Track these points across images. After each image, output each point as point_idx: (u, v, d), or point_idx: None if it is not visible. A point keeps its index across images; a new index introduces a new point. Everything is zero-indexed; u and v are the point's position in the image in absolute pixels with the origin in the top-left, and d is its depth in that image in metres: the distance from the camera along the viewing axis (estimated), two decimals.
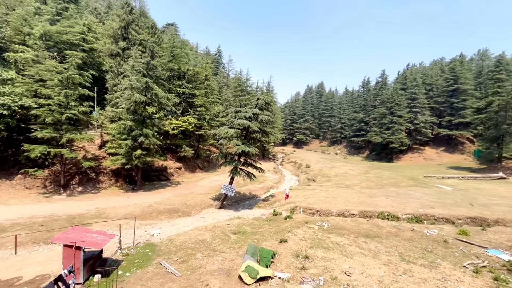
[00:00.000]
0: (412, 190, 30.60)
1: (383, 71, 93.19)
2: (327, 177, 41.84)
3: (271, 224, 20.33)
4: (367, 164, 61.05)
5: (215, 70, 78.96)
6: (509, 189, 31.33)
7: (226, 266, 12.71)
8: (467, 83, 64.00)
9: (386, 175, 41.88)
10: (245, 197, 32.03)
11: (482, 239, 16.25)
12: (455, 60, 76.38)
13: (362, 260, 13.26)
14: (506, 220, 19.44)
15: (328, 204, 24.57)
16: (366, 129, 77.45)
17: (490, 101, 47.54)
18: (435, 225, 19.51)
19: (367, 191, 30.59)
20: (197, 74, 44.74)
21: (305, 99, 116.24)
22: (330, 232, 17.52)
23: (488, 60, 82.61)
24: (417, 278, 11.46)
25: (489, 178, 39.41)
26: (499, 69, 50.80)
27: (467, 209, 21.99)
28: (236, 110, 27.55)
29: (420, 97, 65.28)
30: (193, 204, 26.48)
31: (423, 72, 79.84)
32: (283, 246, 14.77)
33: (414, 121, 64.30)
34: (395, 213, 21.60)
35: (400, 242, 15.87)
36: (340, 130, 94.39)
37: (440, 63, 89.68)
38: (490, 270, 12.22)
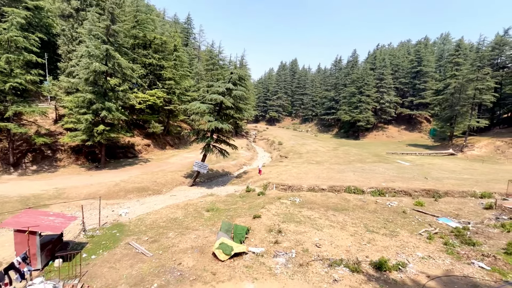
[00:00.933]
0: (376, 165, 32.72)
1: (354, 50, 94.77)
2: (298, 154, 42.93)
3: (245, 200, 20.48)
4: (336, 141, 63.72)
5: (185, 41, 73.77)
6: (457, 164, 34.96)
7: (199, 243, 12.59)
8: (429, 66, 67.91)
9: (353, 152, 44.15)
10: (218, 174, 31.78)
11: (435, 209, 18.06)
12: (420, 43, 79.93)
13: (331, 232, 13.99)
14: (454, 191, 21.73)
15: (299, 180, 25.32)
16: (336, 108, 79.77)
17: (448, 83, 51.14)
18: (395, 197, 21.18)
19: (336, 167, 32.03)
20: (165, 43, 41.31)
21: (279, 75, 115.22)
22: (301, 206, 18.15)
23: (449, 44, 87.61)
24: (380, 247, 12.42)
25: (441, 154, 43.53)
26: (458, 53, 54.24)
27: (422, 183, 24.13)
28: (209, 85, 26.25)
29: (387, 77, 68.04)
30: (164, 182, 25.60)
31: (391, 53, 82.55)
32: (257, 222, 14.99)
33: (381, 100, 67.45)
34: (360, 187, 22.97)
35: (365, 214, 17.00)
36: (312, 108, 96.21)
37: (407, 45, 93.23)
38: (441, 236, 13.66)
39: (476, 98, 44.44)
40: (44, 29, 36.55)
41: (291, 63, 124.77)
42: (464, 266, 10.82)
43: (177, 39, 45.38)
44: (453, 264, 10.98)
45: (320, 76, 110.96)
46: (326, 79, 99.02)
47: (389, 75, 68.73)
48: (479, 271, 10.46)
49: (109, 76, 28.58)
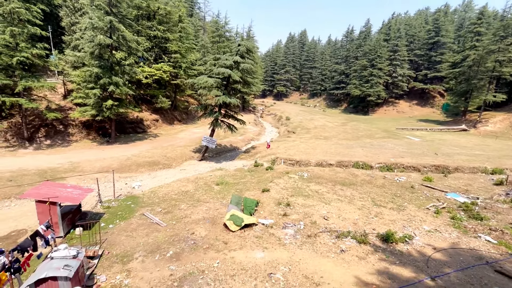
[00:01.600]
0: (385, 141, 32.33)
1: (367, 19, 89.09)
2: (306, 129, 42.61)
3: (253, 175, 20.82)
4: (345, 116, 62.66)
5: (190, 11, 70.64)
6: (469, 140, 34.22)
7: (211, 215, 13.07)
8: (448, 36, 63.85)
9: (362, 127, 43.52)
10: (226, 149, 32.08)
11: (444, 184, 18.03)
12: (439, 11, 74.33)
13: (339, 205, 14.25)
14: (464, 167, 21.51)
15: (307, 155, 25.38)
16: (346, 82, 77.24)
17: (466, 55, 48.32)
18: (404, 173, 21.15)
19: (344, 142, 31.82)
20: (169, 14, 39.67)
21: (287, 48, 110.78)
22: (309, 181, 18.37)
23: (471, 12, 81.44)
24: (386, 220, 12.65)
25: (452, 130, 42.51)
26: (481, 21, 50.47)
27: (432, 158, 23.88)
28: (215, 58, 25.52)
29: (401, 49, 64.63)
30: (174, 156, 26.08)
31: (407, 22, 77.51)
32: (266, 195, 15.34)
33: (393, 74, 64.81)
34: (369, 162, 22.93)
35: (373, 188, 17.13)
36: (321, 82, 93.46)
37: (425, 13, 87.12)
38: (449, 210, 13.77)
39: (495, 71, 42.15)
40: (46, 0, 35.41)
41: (300, 34, 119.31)
42: (471, 239, 11.00)
43: (182, 9, 43.44)
44: (460, 237, 11.17)
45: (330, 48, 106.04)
46: (337, 52, 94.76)
47: (403, 47, 65.22)
48: (485, 244, 10.64)
49: (114, 50, 28.02)
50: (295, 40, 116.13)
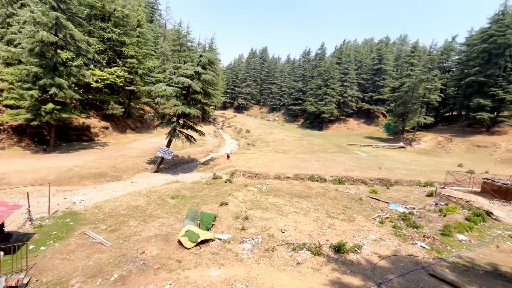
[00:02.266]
0: (337, 156, 34.72)
1: (322, 43, 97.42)
2: (266, 142, 43.54)
3: (211, 187, 20.29)
4: (302, 131, 65.90)
5: (150, 17, 68.33)
6: (406, 156, 38.76)
7: (164, 231, 12.22)
8: (389, 64, 72.92)
9: (317, 142, 46.18)
10: (184, 160, 30.86)
11: (387, 196, 19.91)
12: (382, 42, 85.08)
13: (295, 218, 14.63)
14: (403, 180, 24.15)
15: (266, 168, 25.79)
16: (303, 99, 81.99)
17: (403, 81, 55.61)
18: (353, 185, 22.82)
19: (301, 156, 33.24)
20: (127, 17, 37.75)
21: (249, 63, 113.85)
22: (268, 194, 18.59)
23: (406, 45, 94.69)
24: (339, 231, 13.36)
25: (393, 147, 47.78)
26: (413, 54, 59.05)
27: (377, 172, 26.32)
28: (176, 66, 24.85)
29: (351, 72, 71.53)
30: (124, 167, 24.08)
31: (356, 49, 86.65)
32: (224, 209, 15.00)
33: (344, 94, 70.97)
34: (323, 175, 24.25)
35: (327, 201, 18.07)
36: (280, 97, 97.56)
37: (370, 43, 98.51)
38: (391, 220, 15.17)
39: (425, 97, 49.20)
40: None
41: (261, 51, 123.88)
42: (409, 246, 12.22)
43: (141, 14, 41.78)
44: (400, 245, 12.32)
45: (289, 66, 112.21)
46: (295, 70, 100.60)
47: (353, 70, 72.31)
48: (421, 250, 11.91)
49: (59, 49, 25.34)
50: (256, 56, 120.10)
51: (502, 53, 42.53)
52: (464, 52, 53.88)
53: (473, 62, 47.40)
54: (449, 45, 57.59)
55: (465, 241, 13.08)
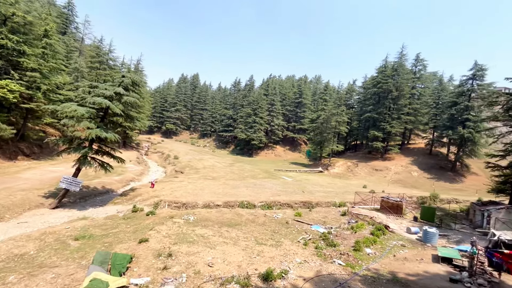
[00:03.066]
0: (266, 181, 36.15)
1: (251, 75, 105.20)
2: (195, 169, 41.98)
3: (130, 222, 17.82)
4: (232, 157, 66.66)
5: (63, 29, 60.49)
6: (324, 180, 43.46)
7: (60, 285, 9.75)
8: (307, 98, 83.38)
9: (247, 168, 47.28)
10: (96, 192, 26.48)
11: (309, 218, 21.44)
12: (301, 79, 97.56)
13: (224, 248, 14.03)
14: (322, 202, 26.66)
15: (195, 197, 24.55)
16: (234, 126, 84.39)
17: (319, 114, 63.99)
18: (280, 210, 23.83)
19: (231, 182, 33.16)
20: (30, 25, 32.26)
21: (179, 87, 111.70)
22: (195, 225, 17.47)
23: (320, 84, 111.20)
24: (267, 258, 13.40)
25: (313, 172, 53.07)
26: (326, 92, 69.44)
27: (300, 196, 28.39)
28: (92, 85, 22.14)
29: (277, 104, 78.43)
30: (8, 204, 18.91)
31: (280, 83, 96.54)
32: (143, 247, 13.20)
33: (271, 123, 76.55)
34: (252, 201, 24.58)
35: (256, 227, 18.15)
36: (211, 124, 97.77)
37: (292, 79, 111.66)
38: (313, 241, 16.23)
39: (336, 128, 57.58)
40: None
41: (192, 77, 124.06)
42: (329, 265, 13.16)
43: (51, 23, 36.46)
44: (322, 264, 13.16)
45: (220, 94, 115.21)
46: (226, 98, 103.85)
47: (278, 102, 79.49)
48: (338, 267, 12.97)
49: None
50: (187, 81, 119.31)
51: (386, 96, 54.41)
52: (362, 93, 66.71)
53: (368, 102, 58.91)
54: (351, 87, 70.52)
55: (371, 254, 15.00)
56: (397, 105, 53.95)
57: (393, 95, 53.44)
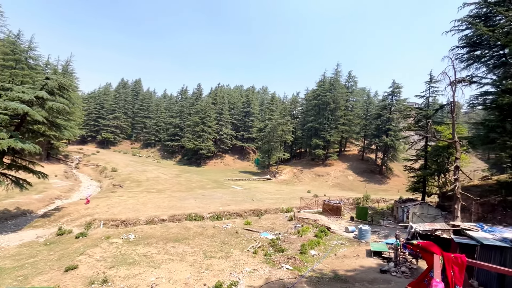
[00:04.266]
0: (215, 191, 35.44)
1: (199, 84, 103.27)
2: (137, 182, 38.67)
3: (53, 248, 15.24)
4: (179, 168, 63.65)
5: None
6: (272, 187, 44.85)
7: None
8: (255, 108, 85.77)
9: (195, 179, 45.68)
10: (8, 215, 21.97)
11: (258, 225, 21.71)
12: (249, 90, 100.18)
13: (170, 266, 13.11)
14: (271, 209, 27.37)
15: (136, 212, 22.49)
16: (181, 135, 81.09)
17: (266, 124, 66.46)
18: (230, 219, 23.56)
19: (177, 194, 31.51)
20: None
21: (118, 93, 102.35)
22: (137, 243, 15.94)
23: (267, 94, 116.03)
24: (216, 271, 13.00)
25: (262, 180, 54.32)
26: (272, 103, 72.75)
27: (250, 204, 28.63)
28: (4, 87, 18.64)
29: (225, 113, 78.53)
30: None
31: (229, 93, 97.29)
32: (71, 276, 11.40)
33: (220, 132, 76.07)
34: (201, 213, 23.74)
35: (204, 240, 17.52)
36: (155, 133, 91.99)
37: (240, 89, 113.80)
38: (263, 248, 16.44)
39: (282, 137, 60.45)
40: None
41: (134, 82, 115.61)
42: (278, 270, 13.46)
43: None
44: (271, 271, 13.38)
45: (166, 101, 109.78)
46: (172, 106, 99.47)
47: (227, 111, 79.70)
48: (286, 272, 13.37)
49: None
50: (128, 87, 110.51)
51: (325, 108, 59.76)
52: (305, 105, 71.88)
53: (310, 113, 63.73)
54: (295, 98, 75.44)
55: (316, 255, 15.93)
56: (334, 116, 59.69)
57: (331, 107, 59.05)
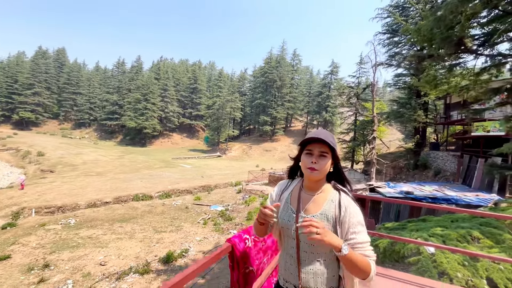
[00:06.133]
0: (163, 171, 34.76)
1: (139, 56, 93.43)
2: (72, 166, 35.14)
3: None
4: (122, 149, 59.29)
5: None
6: (222, 163, 45.88)
7: None
8: (203, 85, 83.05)
9: (141, 159, 43.60)
10: None
11: (208, 200, 22.67)
12: (195, 64, 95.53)
13: (119, 244, 13.20)
14: (220, 184, 28.51)
15: (75, 197, 21.01)
16: (121, 113, 74.31)
17: (215, 101, 65.59)
18: (180, 197, 23.91)
19: (122, 176, 30.04)
20: None
21: (37, 65, 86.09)
22: (79, 228, 15.30)
23: (214, 70, 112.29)
24: (167, 243, 13.63)
25: (212, 157, 54.79)
26: (220, 79, 71.50)
27: (200, 181, 29.22)
28: None
29: (170, 89, 74.24)
30: None
31: (173, 67, 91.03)
32: (3, 266, 10.65)
33: (165, 109, 72.22)
34: (149, 193, 23.44)
35: (154, 217, 17.73)
36: (90, 111, 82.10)
37: (185, 63, 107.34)
38: (212, 219, 17.55)
39: (231, 114, 60.91)
40: None
41: (56, 52, 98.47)
42: (226, 236, 14.79)
43: None
44: (219, 237, 14.63)
45: (99, 75, 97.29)
46: (107, 81, 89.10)
47: (172, 87, 75.39)
48: None
49: None
50: (49, 57, 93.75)
51: (272, 85, 61.67)
52: (252, 82, 72.63)
53: (258, 90, 65.01)
54: (243, 75, 75.34)
55: None
56: (280, 93, 62.25)
57: (278, 84, 61.21)
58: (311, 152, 1.40)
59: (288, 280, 1.46)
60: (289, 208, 1.49)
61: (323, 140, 1.35)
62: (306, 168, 1.40)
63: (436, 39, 6.95)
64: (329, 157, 1.40)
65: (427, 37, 7.99)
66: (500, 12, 8.12)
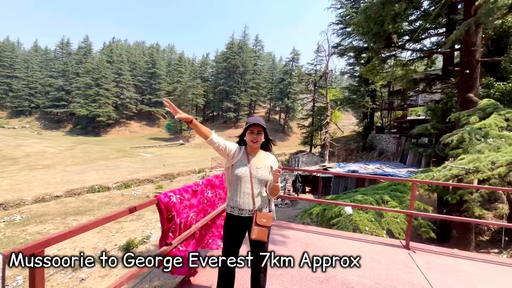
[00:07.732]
0: (121, 161, 33.10)
1: (87, 36, 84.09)
2: (11, 159, 31.46)
3: None
4: (72, 139, 54.36)
5: None
6: (185, 151, 45.11)
7: None
8: (161, 69, 78.54)
9: (95, 150, 40.72)
10: None
11: (171, 188, 22.45)
12: (153, 47, 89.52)
13: (74, 238, 12.68)
14: (183, 172, 28.31)
15: (18, 193, 19.21)
16: (68, 99, 67.31)
17: (175, 86, 63.03)
18: (140, 186, 23.30)
19: (74, 168, 27.97)
20: None
21: None
22: (26, 224, 14.27)
23: (174, 54, 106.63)
24: (127, 232, 13.50)
25: (175, 145, 53.37)
26: (181, 63, 68.41)
27: (161, 170, 28.60)
28: None
29: (125, 73, 68.97)
30: None
31: (128, 50, 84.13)
32: None
33: (121, 96, 67.27)
34: (105, 184, 22.39)
35: (112, 208, 17.21)
36: (30, 97, 72.63)
37: (142, 46, 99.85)
38: None
39: (194, 100, 59.32)
40: None
41: None
42: None
43: None
44: None
45: (39, 57, 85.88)
46: (50, 63, 79.21)
47: (127, 72, 70.08)
48: None
49: None
50: None
51: (235, 71, 61.14)
52: (215, 67, 71.00)
53: (221, 75, 63.97)
54: (205, 60, 73.11)
55: None
56: (244, 80, 62.13)
57: (240, 70, 60.87)
58: (253, 131, 2.29)
59: (244, 208, 2.25)
60: (243, 163, 2.29)
61: (259, 123, 2.25)
62: (251, 141, 2.29)
63: (369, 34, 7.90)
64: (262, 133, 2.33)
65: (365, 30, 8.97)
66: (422, 13, 9.44)
